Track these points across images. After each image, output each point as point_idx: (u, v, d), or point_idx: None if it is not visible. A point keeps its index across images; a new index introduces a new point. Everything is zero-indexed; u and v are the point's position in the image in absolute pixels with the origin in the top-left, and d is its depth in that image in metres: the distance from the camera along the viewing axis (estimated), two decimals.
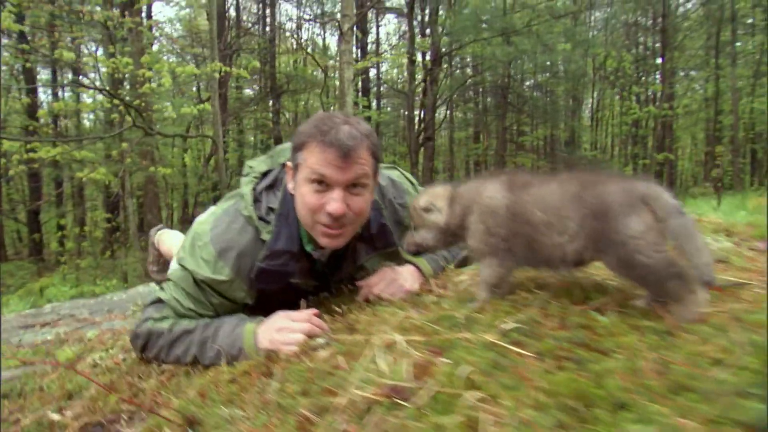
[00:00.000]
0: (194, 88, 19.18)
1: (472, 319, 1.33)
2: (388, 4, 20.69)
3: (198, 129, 14.68)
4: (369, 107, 19.92)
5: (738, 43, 20.31)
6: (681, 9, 21.79)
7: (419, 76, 18.87)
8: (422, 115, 18.75)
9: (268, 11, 18.30)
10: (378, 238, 1.99)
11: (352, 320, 1.63)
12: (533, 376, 0.99)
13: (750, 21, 21.75)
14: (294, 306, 1.88)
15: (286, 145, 2.00)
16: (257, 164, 2.01)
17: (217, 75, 7.73)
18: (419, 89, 18.79)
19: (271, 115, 19.08)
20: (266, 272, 1.77)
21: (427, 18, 18.88)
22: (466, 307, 1.42)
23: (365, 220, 1.86)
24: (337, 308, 1.80)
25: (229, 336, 1.67)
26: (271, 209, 1.85)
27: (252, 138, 20.88)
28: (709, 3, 20.41)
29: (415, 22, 18.62)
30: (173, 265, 2.93)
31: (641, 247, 1.16)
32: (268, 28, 17.96)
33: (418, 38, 17.99)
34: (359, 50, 19.54)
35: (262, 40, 17.57)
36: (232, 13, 17.51)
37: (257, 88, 20.28)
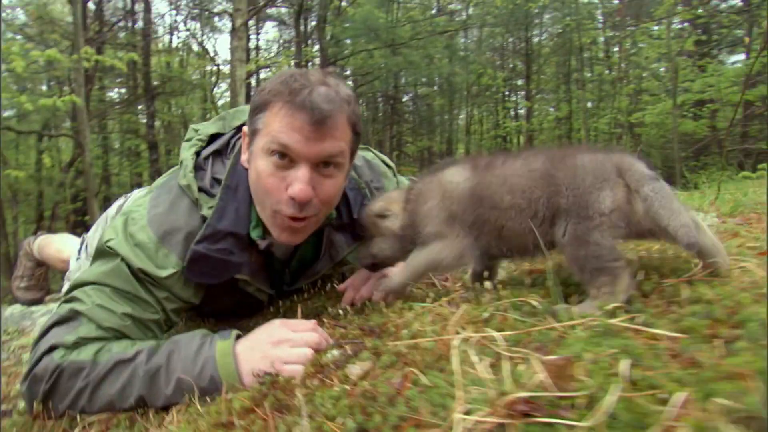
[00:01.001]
0: (43, 86, 16.36)
1: (548, 305, 1.07)
2: (269, 12, 20.01)
3: (53, 130, 12.40)
4: None
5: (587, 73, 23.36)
6: (538, 39, 24.52)
7: None
8: None
9: (138, 6, 16.39)
10: (361, 224, 1.65)
11: (369, 324, 1.26)
12: (711, 364, 0.75)
13: (587, 55, 25.19)
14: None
15: (244, 107, 1.61)
16: (204, 127, 1.60)
17: (86, 63, 6.45)
18: None
19: (140, 118, 17.05)
20: (203, 259, 1.34)
21: (311, 27, 18.61)
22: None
23: (332, 209, 1.51)
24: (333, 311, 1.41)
25: (193, 360, 1.19)
26: (216, 180, 1.44)
27: (118, 144, 18.42)
28: (559, 36, 23.31)
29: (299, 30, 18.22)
30: (76, 265, 2.23)
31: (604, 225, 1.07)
32: (140, 23, 16.07)
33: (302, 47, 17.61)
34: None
35: (132, 35, 15.64)
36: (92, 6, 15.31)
37: (125, 90, 18.06)
